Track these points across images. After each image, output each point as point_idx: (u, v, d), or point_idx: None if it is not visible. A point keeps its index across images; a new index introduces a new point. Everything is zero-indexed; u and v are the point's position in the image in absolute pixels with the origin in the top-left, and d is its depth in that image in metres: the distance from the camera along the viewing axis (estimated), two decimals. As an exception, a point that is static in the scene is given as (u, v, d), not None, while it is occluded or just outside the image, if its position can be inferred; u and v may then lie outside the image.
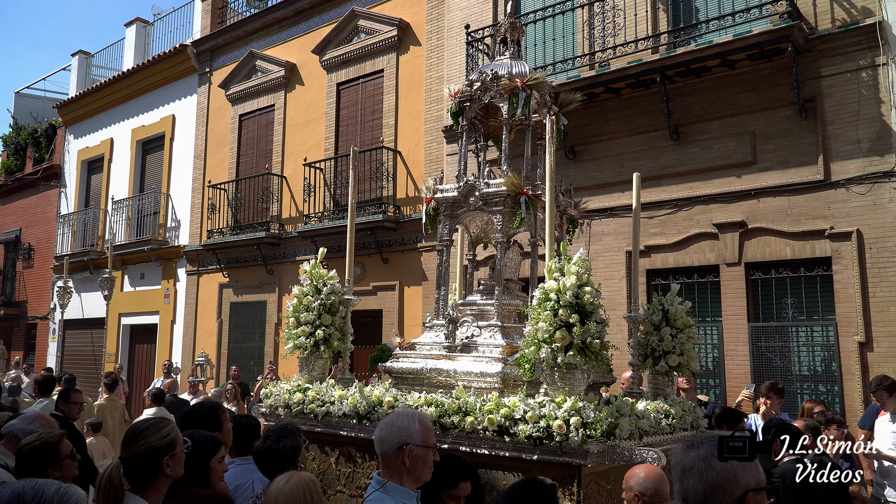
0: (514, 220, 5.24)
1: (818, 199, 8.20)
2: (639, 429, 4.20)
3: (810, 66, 8.34)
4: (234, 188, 14.83)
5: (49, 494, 2.13)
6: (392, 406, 4.69)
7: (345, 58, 13.33)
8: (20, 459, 3.39)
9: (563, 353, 4.05)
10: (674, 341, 5.07)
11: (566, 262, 4.28)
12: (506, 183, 5.24)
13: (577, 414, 3.89)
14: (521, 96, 5.35)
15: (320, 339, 5.41)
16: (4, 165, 23.61)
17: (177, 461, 2.89)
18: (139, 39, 19.35)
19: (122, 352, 17.68)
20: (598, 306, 4.16)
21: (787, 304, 8.43)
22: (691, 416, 4.95)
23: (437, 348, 5.30)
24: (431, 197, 5.63)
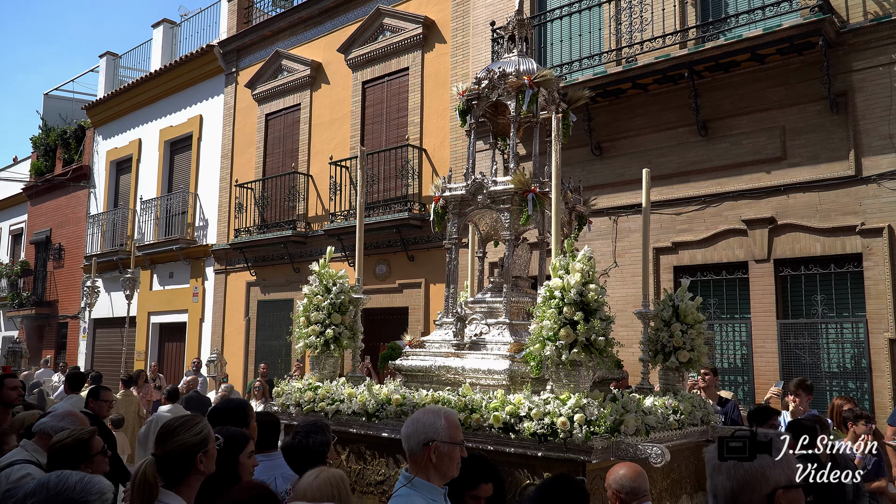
0: (522, 217, 5.26)
1: (849, 195, 8.11)
2: (645, 424, 4.23)
3: (841, 59, 8.25)
4: (260, 187, 14.97)
5: (73, 482, 2.22)
6: (400, 404, 4.73)
7: (370, 56, 13.40)
8: (52, 456, 3.43)
9: (567, 350, 4.07)
10: (684, 337, 5.09)
11: (571, 260, 4.28)
12: (513, 181, 5.27)
13: (581, 411, 3.92)
14: (528, 94, 5.36)
15: (330, 337, 5.45)
16: (34, 167, 24.01)
17: (209, 458, 2.91)
18: (166, 40, 19.58)
19: (152, 350, 17.92)
20: (602, 304, 4.17)
21: (817, 300, 8.35)
22: (701, 412, 4.98)
23: (446, 346, 5.33)
24: (440, 195, 5.66)
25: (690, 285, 9.10)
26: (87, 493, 2.23)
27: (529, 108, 5.43)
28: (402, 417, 4.69)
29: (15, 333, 24.06)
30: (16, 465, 3.86)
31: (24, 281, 23.65)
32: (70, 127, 23.00)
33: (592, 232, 9.94)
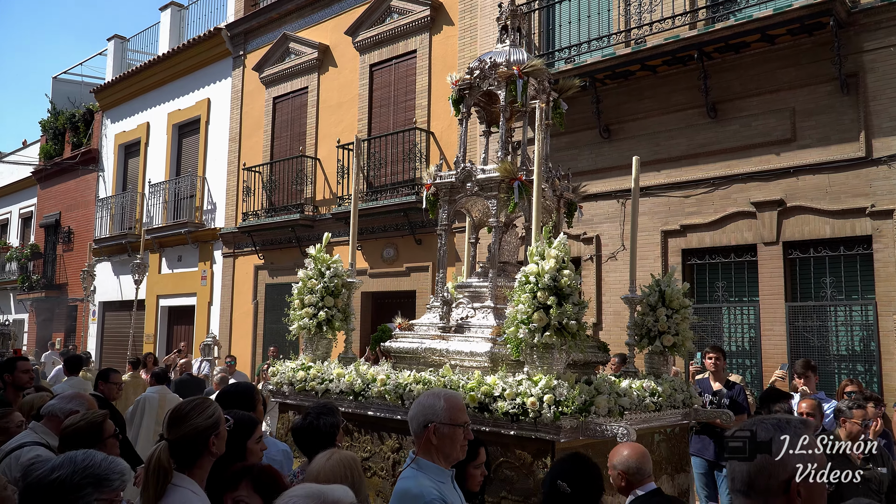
0: (509, 205, 5.38)
1: (859, 177, 8.05)
2: (619, 406, 4.37)
3: (852, 40, 8.16)
4: (268, 171, 14.98)
5: (99, 460, 2.30)
6: (384, 384, 4.92)
7: (377, 39, 13.35)
8: (65, 439, 3.45)
9: (540, 333, 4.22)
10: (669, 322, 5.22)
11: (547, 247, 4.41)
12: (499, 169, 5.39)
13: (551, 392, 4.09)
14: (519, 83, 5.47)
15: (323, 320, 5.65)
16: (44, 150, 24.09)
17: (221, 439, 2.94)
18: (174, 23, 19.54)
19: (161, 333, 18.03)
20: (575, 289, 4.31)
21: (826, 283, 8.32)
22: (683, 395, 5.10)
23: (433, 329, 5.50)
24: (431, 183, 5.79)
25: (699, 268, 9.20)
26: (111, 472, 2.30)
27: (521, 98, 5.52)
28: (385, 397, 4.89)
29: (26, 316, 24.25)
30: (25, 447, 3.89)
31: (33, 264, 23.80)
32: (79, 110, 23.04)
33: (601, 215, 9.95)
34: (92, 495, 2.25)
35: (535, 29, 10.98)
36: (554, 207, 5.80)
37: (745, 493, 1.89)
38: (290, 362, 5.81)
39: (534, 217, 4.82)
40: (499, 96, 5.71)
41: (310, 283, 5.79)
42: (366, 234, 12.98)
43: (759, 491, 1.85)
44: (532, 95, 5.75)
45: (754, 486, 1.86)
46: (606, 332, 9.78)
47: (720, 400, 6.95)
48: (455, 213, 5.97)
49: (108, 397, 6.51)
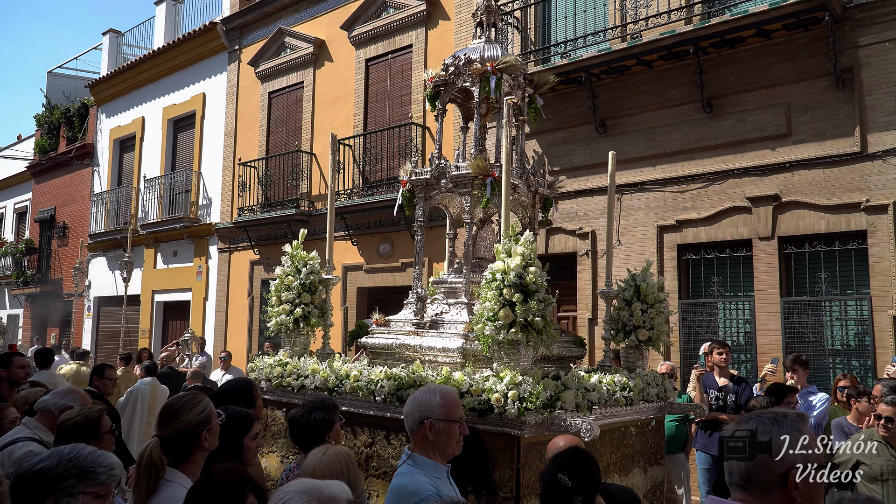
0: (482, 201, 5.45)
1: (854, 172, 8.07)
2: (588, 401, 4.44)
3: (848, 35, 8.17)
4: (264, 166, 14.95)
5: (86, 453, 2.31)
6: (357, 380, 4.98)
7: (373, 33, 13.31)
8: (62, 433, 3.45)
9: (506, 329, 4.28)
10: (644, 316, 5.30)
11: (514, 244, 4.47)
12: (472, 165, 5.44)
13: (516, 388, 4.14)
14: (492, 80, 5.54)
15: (300, 316, 5.74)
16: (38, 145, 23.99)
17: (213, 434, 2.95)
18: (169, 18, 19.47)
19: (156, 328, 18.00)
20: (541, 286, 4.35)
21: (821, 278, 8.33)
22: (656, 389, 5.18)
23: (408, 325, 5.57)
24: (407, 179, 5.86)
25: (694, 263, 9.21)
26: (97, 465, 2.29)
27: (495, 94, 5.57)
28: (358, 393, 4.95)
29: (20, 312, 24.19)
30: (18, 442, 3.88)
31: (28, 259, 23.73)
32: (73, 105, 22.94)
33: (596, 210, 9.95)
34: (76, 487, 2.24)
35: (531, 24, 10.96)
36: (529, 203, 5.89)
37: (742, 486, 1.90)
38: (269, 358, 5.87)
39: (503, 213, 4.86)
40: (473, 93, 5.79)
41: (287, 279, 5.88)
42: (361, 230, 12.97)
43: (757, 484, 1.86)
44: (507, 91, 5.79)
45: (752, 480, 1.87)
46: (602, 327, 9.78)
47: (726, 395, 6.97)
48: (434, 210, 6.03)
49: (102, 393, 6.50)
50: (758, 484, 1.86)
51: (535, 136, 10.74)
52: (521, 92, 5.93)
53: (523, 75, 5.96)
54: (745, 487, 1.88)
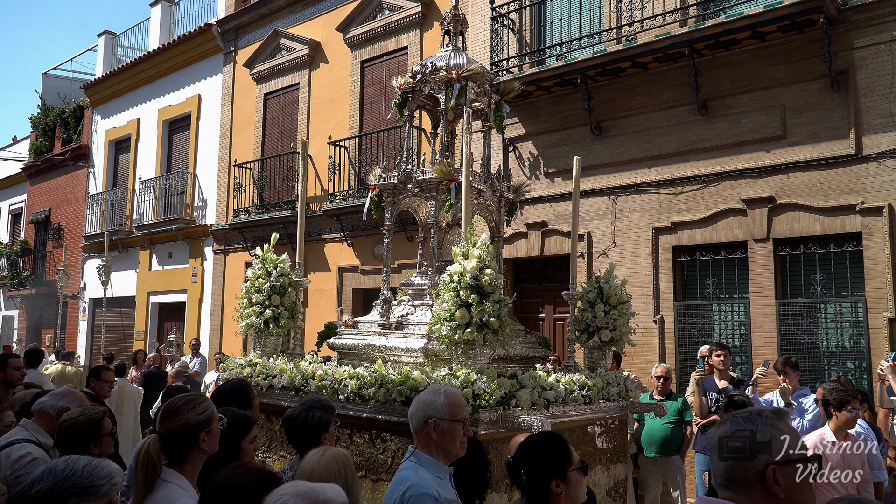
0: (446, 205, 5.60)
1: (849, 174, 8.07)
2: (544, 399, 4.58)
3: (843, 37, 8.17)
4: (259, 167, 14.92)
5: (80, 467, 2.18)
6: (323, 379, 5.11)
7: (368, 35, 13.29)
8: (63, 435, 3.43)
9: (462, 329, 4.42)
10: (607, 317, 5.45)
11: (471, 247, 4.61)
12: (436, 171, 5.59)
13: (471, 386, 4.26)
14: (456, 87, 5.70)
15: (269, 318, 5.89)
16: (33, 146, 23.92)
17: (212, 437, 2.92)
18: (164, 19, 19.43)
19: (151, 330, 17.95)
20: (497, 288, 4.50)
21: (816, 280, 8.33)
22: (617, 388, 5.31)
23: (374, 326, 5.74)
24: (376, 184, 6.03)
25: (689, 265, 9.21)
26: (95, 478, 2.20)
27: (458, 101, 5.71)
28: (323, 392, 5.05)
29: (16, 313, 24.11)
30: (16, 444, 3.86)
31: (23, 260, 23.65)
32: (69, 106, 22.88)
33: (592, 212, 9.95)
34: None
35: (527, 26, 10.95)
36: (494, 207, 6.04)
37: (724, 486, 1.92)
38: (239, 358, 6.01)
39: (463, 217, 5.01)
40: (440, 99, 5.92)
41: (257, 282, 6.01)
42: (357, 231, 12.95)
43: (737, 482, 1.89)
44: (472, 98, 5.98)
45: (732, 479, 1.90)
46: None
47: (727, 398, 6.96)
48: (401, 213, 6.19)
49: (99, 395, 6.50)
50: (738, 482, 1.88)
51: (531, 138, 10.74)
52: (486, 99, 6.11)
53: (489, 83, 6.12)
54: (727, 486, 1.91)
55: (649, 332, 9.28)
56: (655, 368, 7.72)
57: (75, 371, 10.03)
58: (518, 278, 11.04)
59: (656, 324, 9.21)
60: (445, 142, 5.98)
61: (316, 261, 13.74)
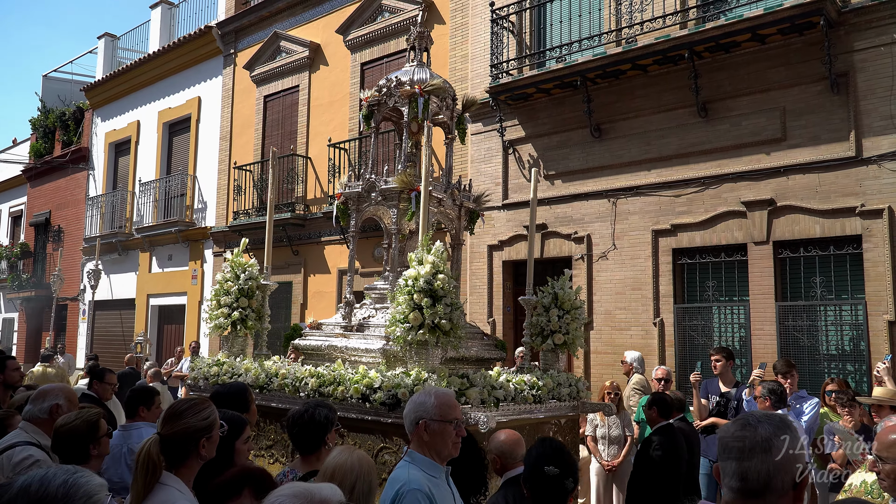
0: (407, 214, 5.85)
1: (849, 176, 8.06)
2: (493, 397, 4.84)
3: (843, 39, 8.17)
4: (259, 169, 14.91)
5: (55, 487, 2.04)
6: (285, 378, 5.35)
7: (369, 37, 13.30)
8: (59, 438, 3.43)
9: (415, 331, 4.67)
10: (560, 322, 5.70)
11: (426, 253, 4.86)
12: (397, 180, 5.87)
13: (422, 384, 4.51)
14: (420, 101, 6.02)
15: (237, 319, 6.15)
16: (34, 148, 23.93)
17: (212, 443, 2.91)
18: (164, 22, 19.44)
19: (151, 332, 17.93)
20: (448, 292, 4.73)
21: (816, 282, 8.32)
22: (568, 389, 5.58)
23: (338, 328, 6.00)
24: (342, 193, 6.31)
25: (689, 267, 9.20)
26: (71, 499, 2.04)
27: (423, 115, 6.03)
28: (284, 389, 5.33)
29: (16, 315, 24.10)
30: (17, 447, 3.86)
31: (23, 263, 23.64)
32: (69, 109, 22.90)
33: (591, 214, 9.94)
34: None
35: (527, 28, 10.96)
36: (455, 216, 6.34)
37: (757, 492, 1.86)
38: (207, 358, 6.29)
39: (420, 225, 5.24)
40: (404, 112, 6.24)
41: (226, 285, 6.26)
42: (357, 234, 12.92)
43: (775, 489, 1.85)
44: (435, 111, 6.30)
45: (771, 485, 1.85)
46: (597, 331, 9.78)
47: (727, 401, 6.94)
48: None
49: (101, 397, 6.50)
50: (776, 488, 1.85)
51: (531, 140, 10.74)
52: (449, 112, 6.41)
53: (451, 97, 6.43)
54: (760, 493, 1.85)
55: (649, 334, 9.27)
56: (656, 371, 7.71)
57: (55, 371, 10.40)
58: (518, 281, 11.02)
59: (656, 326, 9.20)
60: (409, 153, 6.24)
61: (316, 263, 13.74)
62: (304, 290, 13.91)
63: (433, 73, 6.41)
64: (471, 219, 6.49)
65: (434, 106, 6.22)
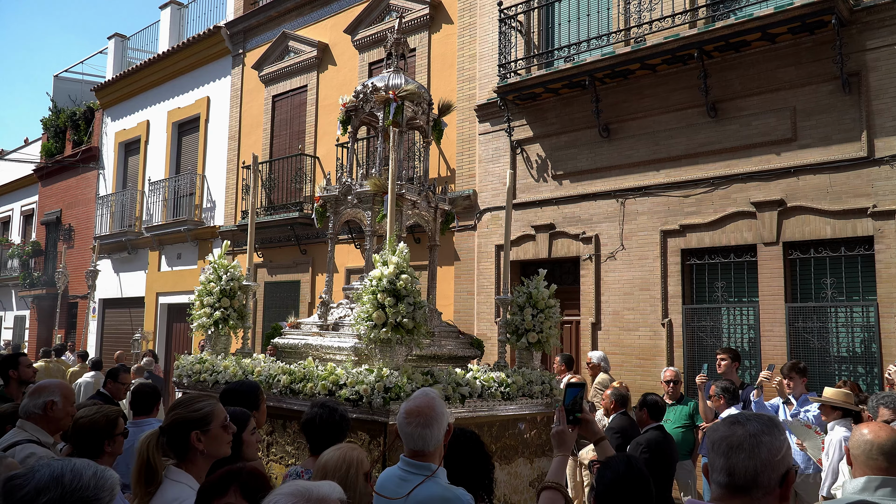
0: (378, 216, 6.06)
1: (860, 177, 7.98)
2: (459, 394, 4.99)
3: (855, 38, 8.08)
4: (267, 169, 14.93)
5: (87, 478, 2.08)
6: (260, 374, 5.48)
7: (377, 37, 13.28)
8: (80, 431, 3.44)
9: (379, 329, 4.83)
10: (534, 321, 5.83)
11: (390, 255, 5.03)
12: (370, 184, 6.08)
13: (383, 380, 4.67)
14: (393, 106, 6.19)
15: (219, 319, 6.37)
16: (45, 148, 24.07)
17: (210, 438, 2.89)
18: (174, 22, 19.50)
19: (160, 330, 18.00)
20: (411, 292, 4.88)
21: (827, 284, 8.25)
22: (541, 387, 5.69)
23: (314, 327, 6.19)
24: (320, 196, 6.48)
25: (698, 268, 9.14)
26: (100, 490, 2.11)
27: (395, 119, 6.17)
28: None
29: (27, 313, 24.26)
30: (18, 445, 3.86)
31: (35, 261, 23.79)
32: (79, 108, 23.01)
33: (599, 214, 9.89)
34: None
35: (535, 28, 10.91)
36: (430, 218, 6.49)
37: (744, 488, 1.90)
38: (190, 356, 6.45)
39: (388, 226, 5.46)
40: (379, 117, 6.43)
41: (209, 286, 6.48)
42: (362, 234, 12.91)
43: (762, 485, 1.89)
44: (410, 116, 6.44)
45: (758, 481, 1.89)
46: (605, 332, 9.73)
47: None
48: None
49: (114, 397, 6.57)
50: (763, 485, 1.88)
51: (539, 140, 10.69)
52: (425, 116, 6.57)
53: (426, 102, 6.60)
54: (747, 489, 1.89)
55: (657, 335, 9.22)
56: (664, 372, 7.66)
57: (56, 367, 10.75)
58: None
59: (664, 327, 9.15)
60: (384, 156, 6.40)
61: (324, 262, 13.73)
62: (312, 288, 13.91)
63: (408, 78, 6.59)
64: (446, 220, 6.66)
65: (409, 111, 6.40)
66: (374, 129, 6.96)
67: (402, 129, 6.36)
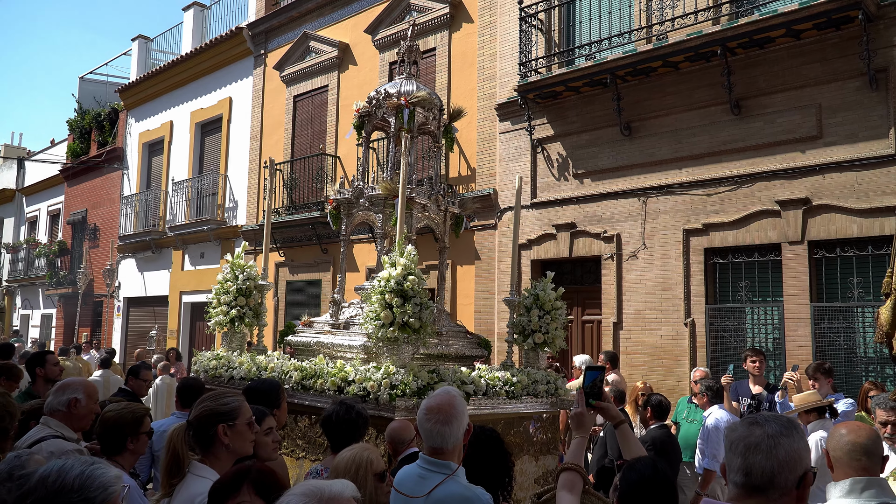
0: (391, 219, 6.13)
1: (888, 175, 7.85)
2: (464, 391, 5.02)
3: (882, 34, 7.95)
4: (289, 168, 15.02)
5: (71, 478, 2.08)
6: (273, 371, 5.64)
7: (397, 37, 13.28)
8: (106, 426, 3.47)
9: (386, 328, 4.97)
10: (540, 322, 5.93)
11: (398, 256, 5.17)
12: (381, 187, 6.21)
13: (389, 378, 4.84)
14: (405, 112, 6.33)
15: (235, 317, 6.57)
16: (71, 149, 24.41)
17: (236, 433, 2.92)
18: (196, 23, 19.67)
19: (183, 329, 18.17)
20: (418, 292, 5.01)
21: (853, 283, 8.13)
22: (545, 386, 5.74)
23: (326, 325, 6.37)
24: (334, 199, 6.63)
25: (721, 267, 9.05)
26: (86, 490, 2.08)
27: (408, 125, 6.32)
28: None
29: (54, 311, 24.62)
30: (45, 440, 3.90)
31: (61, 260, 24.14)
32: (104, 110, 23.31)
33: (621, 213, 9.83)
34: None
35: (556, 26, 10.86)
36: (440, 220, 6.63)
37: (761, 488, 1.91)
38: (208, 353, 6.64)
39: (398, 229, 5.59)
40: (391, 122, 6.56)
41: (226, 284, 6.65)
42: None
43: (779, 486, 1.90)
44: (421, 122, 6.57)
45: (775, 482, 1.90)
46: (627, 331, 9.67)
47: (759, 403, 6.84)
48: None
49: (136, 393, 6.62)
50: (779, 486, 1.89)
51: (560, 139, 10.65)
52: (436, 122, 6.69)
53: (437, 108, 6.71)
54: (763, 489, 1.90)
55: (680, 335, 9.14)
56: (694, 372, 7.60)
57: (73, 365, 10.90)
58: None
59: (687, 327, 9.07)
60: (395, 161, 6.51)
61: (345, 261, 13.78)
62: (333, 287, 13.96)
63: (420, 85, 6.69)
64: (456, 223, 6.78)
65: (420, 117, 6.51)
66: (387, 134, 7.05)
67: (414, 134, 6.48)
